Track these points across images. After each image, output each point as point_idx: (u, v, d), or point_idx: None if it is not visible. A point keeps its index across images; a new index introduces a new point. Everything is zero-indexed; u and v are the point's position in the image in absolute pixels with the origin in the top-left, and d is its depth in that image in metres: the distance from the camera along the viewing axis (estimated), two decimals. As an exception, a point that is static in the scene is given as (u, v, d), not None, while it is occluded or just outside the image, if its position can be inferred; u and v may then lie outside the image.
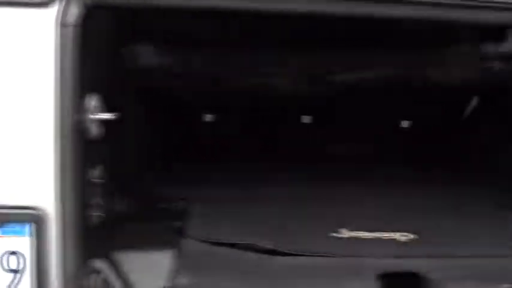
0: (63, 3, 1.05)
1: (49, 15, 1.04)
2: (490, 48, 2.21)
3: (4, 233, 1.06)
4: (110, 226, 1.35)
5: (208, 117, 2.65)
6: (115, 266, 1.22)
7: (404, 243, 1.44)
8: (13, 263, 1.07)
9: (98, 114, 1.20)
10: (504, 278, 1.27)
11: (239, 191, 1.88)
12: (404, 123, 2.76)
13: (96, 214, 1.23)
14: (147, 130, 2.16)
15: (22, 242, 1.06)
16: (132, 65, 2.22)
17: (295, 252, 1.33)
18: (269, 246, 1.34)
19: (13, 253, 1.07)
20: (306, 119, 2.71)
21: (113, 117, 1.24)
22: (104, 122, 1.25)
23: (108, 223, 1.33)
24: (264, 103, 2.42)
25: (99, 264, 1.19)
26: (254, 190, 1.91)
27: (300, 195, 1.84)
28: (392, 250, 1.38)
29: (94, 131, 1.20)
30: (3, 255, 1.06)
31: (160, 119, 2.52)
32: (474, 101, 2.55)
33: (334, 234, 1.49)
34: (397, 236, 1.50)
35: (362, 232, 1.51)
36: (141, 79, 2.24)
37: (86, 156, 1.16)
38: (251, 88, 2.27)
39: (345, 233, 1.50)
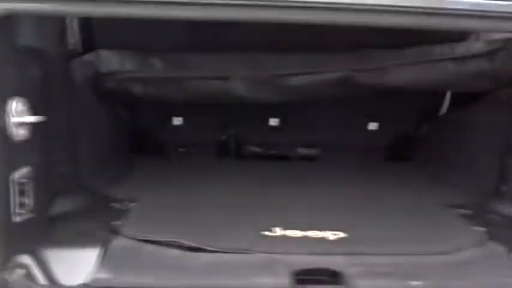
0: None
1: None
2: (444, 50, 2.24)
3: None
4: (42, 224, 1.41)
5: (175, 120, 2.72)
6: (40, 262, 1.28)
7: (333, 242, 1.49)
8: None
9: (23, 118, 1.27)
10: (419, 275, 1.31)
11: (189, 192, 1.94)
12: (373, 126, 2.81)
13: (22, 212, 1.30)
14: (104, 132, 2.23)
15: None
16: (93, 70, 2.31)
17: (216, 250, 1.38)
18: (193, 244, 1.39)
19: None
20: (274, 122, 2.77)
21: (39, 119, 1.31)
22: (35, 124, 1.32)
23: (40, 221, 1.40)
24: (225, 105, 2.48)
25: (24, 259, 1.25)
26: (203, 190, 1.97)
27: (245, 194, 1.90)
28: (318, 248, 1.43)
29: (19, 133, 1.26)
30: None
31: (121, 120, 2.59)
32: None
33: (266, 233, 1.53)
34: (327, 234, 1.54)
35: (294, 231, 1.56)
36: (101, 83, 2.32)
37: (10, 157, 1.23)
38: (211, 91, 2.33)
39: (277, 232, 1.55)
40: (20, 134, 1.27)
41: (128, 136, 2.72)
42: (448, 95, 2.73)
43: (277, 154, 2.88)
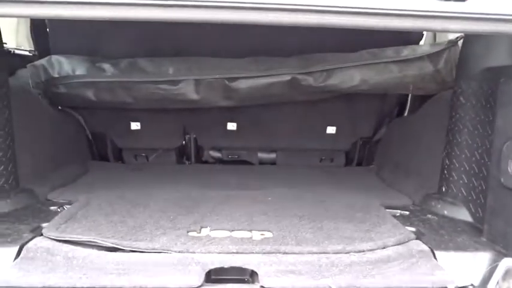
0: None
1: None
2: (388, 53, 2.26)
3: None
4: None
5: (133, 125, 2.73)
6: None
7: (256, 241, 1.48)
8: None
9: None
10: (332, 273, 1.30)
11: (132, 195, 1.94)
12: (331, 129, 2.82)
13: None
14: (55, 136, 2.24)
15: None
16: (45, 75, 2.32)
17: (133, 249, 1.37)
18: (109, 243, 1.39)
19: None
20: (232, 126, 2.78)
21: None
22: None
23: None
24: (183, 110, 2.49)
25: None
26: (147, 194, 1.97)
27: (188, 198, 1.91)
28: (238, 247, 1.42)
29: None
30: None
31: (77, 126, 2.60)
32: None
33: (192, 233, 1.53)
34: (254, 234, 1.54)
35: (222, 231, 1.55)
36: (53, 87, 2.33)
37: None
38: (161, 95, 2.35)
39: (204, 232, 1.55)
40: None
41: (86, 141, 2.73)
42: (405, 98, 2.75)
43: (237, 159, 2.89)
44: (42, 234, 1.45)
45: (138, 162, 2.82)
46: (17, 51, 2.58)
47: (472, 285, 1.34)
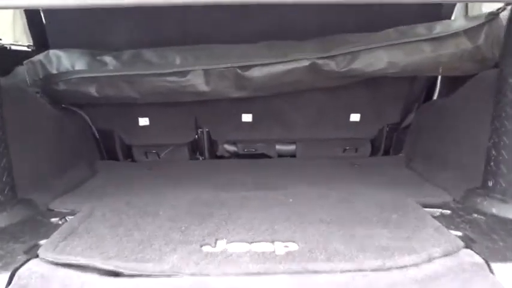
0: None
1: None
2: (419, 30, 2.01)
3: None
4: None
5: (142, 121, 2.55)
6: None
7: (279, 257, 1.28)
8: None
9: None
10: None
11: (142, 201, 1.77)
12: (355, 117, 2.60)
13: None
14: (57, 138, 2.07)
15: None
16: (44, 71, 2.14)
17: (137, 273, 1.19)
18: (110, 267, 1.21)
19: None
20: (247, 118, 2.58)
21: None
22: None
23: None
24: (194, 102, 2.30)
25: None
26: (158, 198, 1.80)
27: (203, 201, 1.73)
28: (259, 267, 1.22)
29: None
30: None
31: (81, 124, 2.43)
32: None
33: (207, 248, 1.34)
34: (276, 247, 1.34)
35: (240, 243, 1.36)
36: (53, 84, 2.16)
37: None
38: (169, 88, 2.16)
39: (219, 246, 1.35)
40: None
41: (93, 140, 2.57)
42: (435, 80, 2.51)
43: (254, 152, 2.69)
44: (38, 256, 1.29)
45: (149, 159, 2.65)
46: (14, 47, 2.40)
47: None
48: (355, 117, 2.57)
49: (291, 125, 2.59)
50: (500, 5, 1.93)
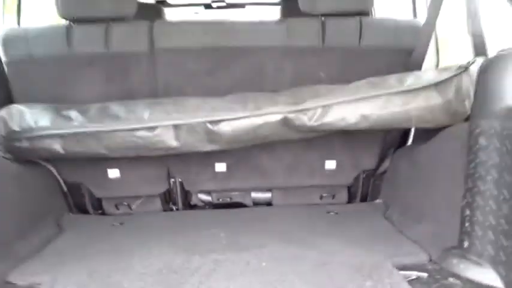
0: None
1: None
2: (391, 82, 2.00)
3: None
4: None
5: (111, 173, 2.47)
6: None
7: None
8: None
9: None
10: None
11: (111, 265, 1.68)
12: (330, 164, 2.56)
13: None
14: (16, 200, 1.98)
15: None
16: (5, 127, 2.07)
17: None
18: None
19: None
20: (220, 167, 2.52)
21: None
22: None
23: None
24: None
25: None
26: (126, 264, 1.71)
27: (169, 268, 1.65)
28: None
29: None
30: None
31: (48, 179, 2.35)
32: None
33: None
34: None
35: None
36: (15, 141, 2.08)
37: None
38: (137, 143, 2.09)
39: None
40: None
41: (61, 193, 2.47)
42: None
43: (229, 202, 2.62)
44: None
45: (120, 211, 2.56)
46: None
47: None
48: (330, 164, 2.53)
49: (266, 173, 2.54)
50: (470, 57, 1.93)
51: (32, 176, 2.23)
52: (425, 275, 1.58)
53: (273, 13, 4.55)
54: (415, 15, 2.77)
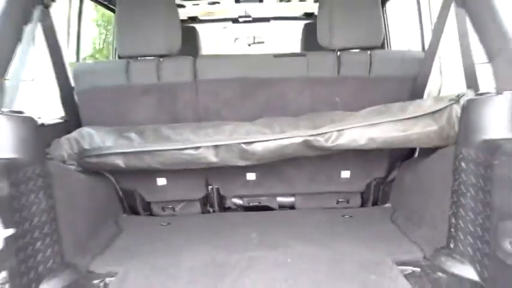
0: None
1: None
2: (394, 110, 2.40)
3: None
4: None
5: (159, 181, 2.93)
6: None
7: None
8: None
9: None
10: None
11: (167, 258, 2.15)
12: (345, 174, 2.96)
13: None
14: (88, 204, 2.44)
15: None
16: (77, 146, 2.54)
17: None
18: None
19: None
20: (251, 176, 2.95)
21: (9, 232, 1.53)
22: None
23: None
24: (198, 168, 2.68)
25: None
26: (182, 255, 2.18)
27: (221, 258, 2.12)
28: None
29: None
30: None
31: (108, 186, 2.81)
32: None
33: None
34: None
35: None
36: (85, 158, 2.54)
37: None
38: (184, 159, 2.54)
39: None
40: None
41: (119, 199, 2.94)
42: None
43: (258, 205, 3.06)
44: None
45: (165, 213, 3.02)
46: (49, 122, 2.77)
47: None
48: (345, 173, 2.94)
49: (290, 181, 2.96)
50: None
51: (96, 185, 2.70)
52: (418, 270, 1.98)
53: (295, 28, 4.97)
54: (423, 47, 3.15)
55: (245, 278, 1.94)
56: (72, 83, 2.77)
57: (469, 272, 1.88)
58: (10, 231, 1.55)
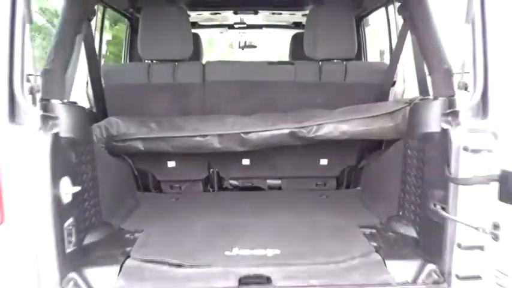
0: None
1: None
2: (362, 110, 3.06)
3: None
4: (80, 252, 2.21)
5: (169, 164, 3.53)
6: (82, 277, 2.07)
7: (269, 257, 2.27)
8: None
9: (69, 189, 2.08)
10: (318, 277, 2.09)
11: (179, 222, 2.74)
12: (323, 161, 3.60)
13: (70, 246, 2.10)
14: (116, 179, 3.03)
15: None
16: (106, 132, 3.12)
17: (191, 265, 2.17)
18: (176, 262, 2.19)
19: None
20: (245, 162, 3.57)
21: (79, 189, 2.13)
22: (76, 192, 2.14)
23: (79, 250, 2.20)
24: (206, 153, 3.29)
25: (73, 275, 2.05)
26: (190, 220, 2.77)
27: (221, 223, 2.71)
28: (259, 262, 2.21)
29: (66, 199, 2.07)
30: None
31: (128, 167, 3.40)
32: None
33: (227, 252, 2.32)
34: (267, 252, 2.32)
35: (246, 250, 2.34)
36: (112, 142, 3.13)
37: (62, 214, 2.04)
38: (193, 145, 3.14)
39: (234, 251, 2.34)
40: (67, 198, 2.08)
41: (135, 178, 3.53)
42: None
43: (251, 186, 3.68)
44: (129, 256, 2.25)
45: (173, 191, 3.62)
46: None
47: (407, 281, 2.12)
48: (323, 161, 3.57)
49: (278, 167, 3.59)
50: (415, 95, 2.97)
51: (119, 165, 3.29)
52: (374, 231, 2.61)
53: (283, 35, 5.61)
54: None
55: (245, 233, 2.55)
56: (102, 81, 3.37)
57: (410, 231, 2.52)
58: (77, 188, 2.14)
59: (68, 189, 2.08)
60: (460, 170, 1.98)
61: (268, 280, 2.09)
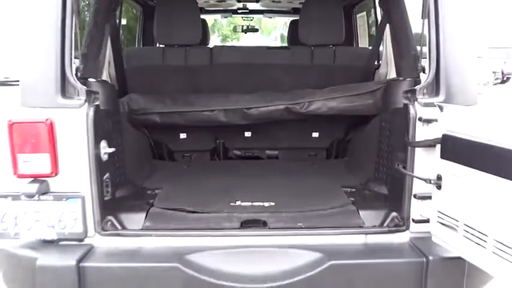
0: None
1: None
2: (349, 89, 3.58)
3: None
4: (114, 201, 2.76)
5: (181, 135, 4.06)
6: (117, 220, 2.63)
7: (266, 207, 2.82)
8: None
9: (106, 150, 2.62)
10: (303, 221, 2.64)
11: (192, 182, 3.29)
12: (315, 134, 4.13)
13: (107, 195, 2.65)
14: (137, 147, 3.56)
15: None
16: (128, 107, 3.65)
17: (204, 211, 2.72)
18: (191, 209, 2.74)
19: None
20: (248, 134, 4.11)
21: (113, 150, 2.67)
22: (110, 153, 2.68)
23: (114, 200, 2.75)
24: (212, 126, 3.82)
25: (110, 218, 2.60)
26: (201, 181, 3.32)
27: (227, 183, 3.25)
28: (257, 210, 2.76)
29: (104, 157, 2.61)
30: (68, 213, 2.51)
31: (146, 138, 3.94)
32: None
33: (232, 203, 2.87)
34: (264, 203, 2.87)
35: (247, 202, 2.89)
36: (133, 115, 3.66)
37: (101, 169, 2.58)
38: (203, 119, 3.67)
39: (238, 203, 2.89)
40: (105, 157, 2.62)
41: (151, 148, 4.07)
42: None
43: (252, 155, 4.22)
44: (152, 205, 2.80)
45: (184, 160, 4.16)
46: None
47: (374, 225, 2.67)
48: (315, 134, 4.10)
49: (276, 139, 4.11)
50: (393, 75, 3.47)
51: (137, 135, 3.82)
52: (354, 190, 3.15)
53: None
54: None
55: (246, 191, 3.09)
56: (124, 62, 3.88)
57: (382, 189, 3.05)
58: (112, 149, 2.68)
59: (105, 149, 2.62)
60: (416, 136, 2.51)
61: (264, 223, 2.65)
